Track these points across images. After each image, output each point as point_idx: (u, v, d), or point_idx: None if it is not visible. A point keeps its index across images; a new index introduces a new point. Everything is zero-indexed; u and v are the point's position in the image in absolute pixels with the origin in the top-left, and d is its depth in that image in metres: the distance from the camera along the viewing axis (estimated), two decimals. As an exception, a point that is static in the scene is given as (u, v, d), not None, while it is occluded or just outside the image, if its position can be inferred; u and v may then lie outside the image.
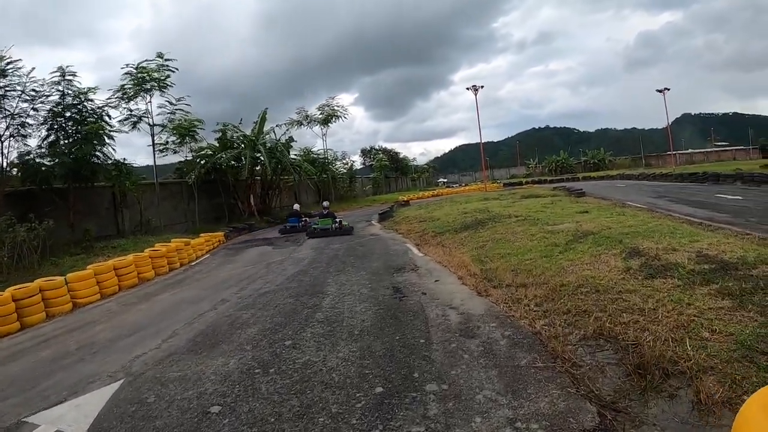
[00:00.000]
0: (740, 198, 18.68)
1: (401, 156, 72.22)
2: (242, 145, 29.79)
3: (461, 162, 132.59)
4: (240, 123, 31.62)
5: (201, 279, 12.55)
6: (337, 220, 20.37)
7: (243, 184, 30.46)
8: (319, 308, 7.82)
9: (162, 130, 25.36)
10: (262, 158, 29.05)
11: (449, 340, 5.82)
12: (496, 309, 6.91)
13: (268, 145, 31.39)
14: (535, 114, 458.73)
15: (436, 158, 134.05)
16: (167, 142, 26.54)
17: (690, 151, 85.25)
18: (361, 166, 67.82)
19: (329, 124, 43.59)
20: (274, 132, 33.47)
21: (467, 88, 48.28)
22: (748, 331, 4.83)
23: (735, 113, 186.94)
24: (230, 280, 11.58)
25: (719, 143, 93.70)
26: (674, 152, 70.14)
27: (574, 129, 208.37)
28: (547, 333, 5.61)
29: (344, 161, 51.34)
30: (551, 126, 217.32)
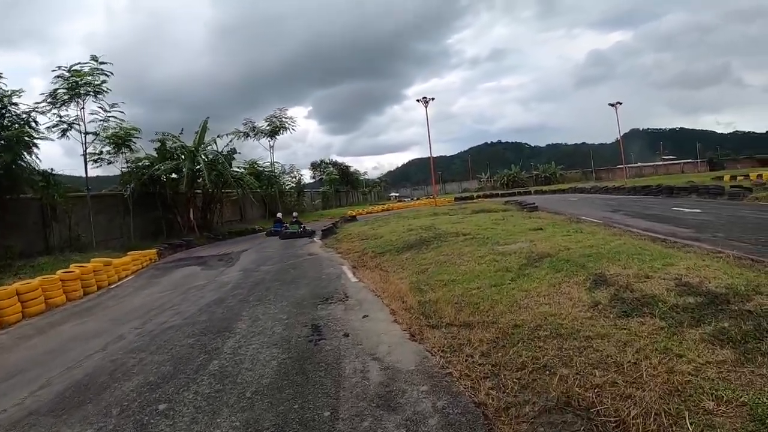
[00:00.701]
0: (699, 211, 17.83)
1: (352, 170, 70.69)
2: (182, 156, 27.93)
3: (414, 176, 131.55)
4: (181, 133, 29.61)
5: (111, 307, 11.19)
6: (302, 226, 26.20)
7: (183, 197, 28.57)
8: (217, 354, 6.40)
9: (95, 139, 23.41)
10: (202, 170, 27.15)
11: (362, 413, 4.25)
12: (430, 362, 5.37)
13: (210, 156, 29.68)
14: (487, 129, 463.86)
15: (389, 172, 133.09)
16: (101, 152, 24.62)
17: (640, 164, 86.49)
18: (312, 180, 66.52)
19: (277, 136, 42.25)
20: (215, 143, 31.51)
21: (417, 100, 47.17)
22: (765, 399, 3.49)
23: (681, 128, 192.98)
24: (139, 310, 10.21)
25: (667, 157, 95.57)
26: (625, 165, 70.84)
27: (526, 144, 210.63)
28: (494, 403, 4.11)
29: (292, 174, 49.62)
30: (503, 141, 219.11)
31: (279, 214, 29.79)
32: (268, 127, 41.67)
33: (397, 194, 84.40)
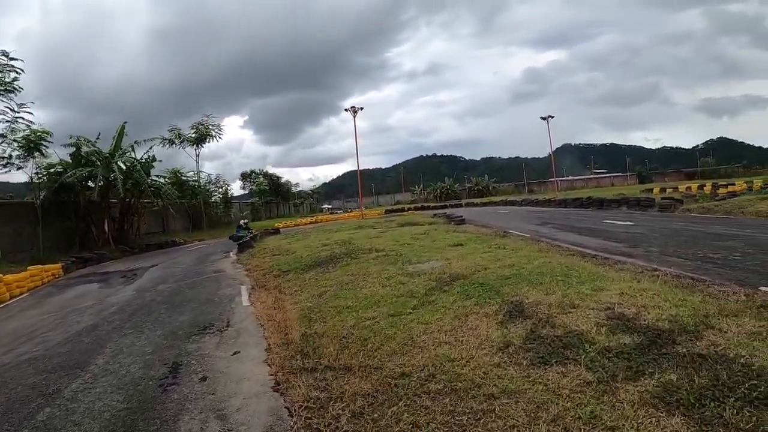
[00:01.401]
0: (630, 224, 17.15)
1: (283, 180, 68.61)
2: (98, 163, 25.88)
3: (349, 188, 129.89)
4: (98, 138, 27.62)
5: (-19, 332, 9.70)
6: (252, 232, 27.57)
7: (98, 207, 26.53)
8: (54, 398, 5.29)
9: (2, 141, 21.58)
10: (117, 178, 25.19)
11: None
12: (284, 425, 4.01)
13: (127, 164, 27.75)
14: (423, 142, 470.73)
15: (325, 184, 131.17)
16: (10, 156, 22.40)
17: (571, 177, 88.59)
18: (244, 191, 64.51)
19: (203, 145, 40.05)
20: (133, 149, 29.36)
21: (346, 110, 45.60)
22: None
23: (612, 144, 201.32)
24: (9, 337, 8.98)
25: (598, 170, 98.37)
26: (556, 179, 71.85)
27: (461, 157, 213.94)
28: None
29: (219, 185, 47.23)
30: (438, 154, 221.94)
31: (242, 221, 31.01)
32: (193, 135, 39.51)
33: (329, 206, 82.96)
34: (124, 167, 27.24)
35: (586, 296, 5.90)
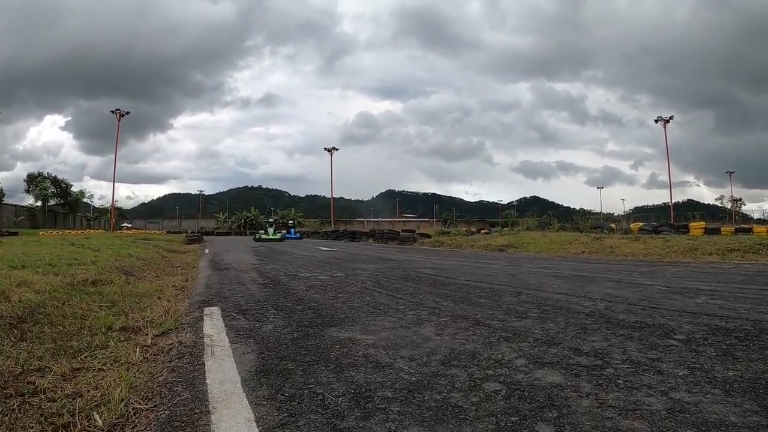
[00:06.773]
0: (335, 249, 17.18)
1: (75, 190, 61.70)
2: None
3: (169, 211, 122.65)
4: None
5: None
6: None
7: None
8: None
9: None
10: None
11: None
12: None
13: None
14: (250, 173, 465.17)
15: (144, 204, 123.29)
16: None
17: (379, 219, 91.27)
18: (28, 195, 57.55)
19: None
20: None
21: (112, 111, 44.73)
22: None
23: (434, 193, 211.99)
24: None
25: (407, 215, 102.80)
26: (364, 219, 73.60)
27: (286, 192, 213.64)
28: None
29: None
30: (264, 186, 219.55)
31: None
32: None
33: (129, 225, 78.00)
34: None
35: None
